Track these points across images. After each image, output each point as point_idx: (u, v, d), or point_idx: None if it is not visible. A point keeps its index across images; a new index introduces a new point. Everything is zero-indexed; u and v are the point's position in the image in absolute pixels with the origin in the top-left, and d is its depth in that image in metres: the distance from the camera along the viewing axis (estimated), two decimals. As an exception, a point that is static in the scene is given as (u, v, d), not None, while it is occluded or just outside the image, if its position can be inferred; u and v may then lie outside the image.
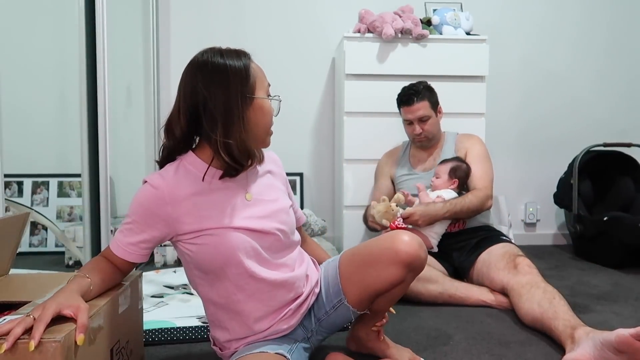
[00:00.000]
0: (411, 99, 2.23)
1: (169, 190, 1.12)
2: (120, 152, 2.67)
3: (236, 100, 1.11)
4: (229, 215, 1.15)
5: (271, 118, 1.20)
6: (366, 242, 1.37)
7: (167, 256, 2.59)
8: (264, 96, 1.17)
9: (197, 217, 1.13)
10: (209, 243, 1.13)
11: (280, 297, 1.20)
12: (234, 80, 1.12)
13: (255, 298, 1.18)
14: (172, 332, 1.58)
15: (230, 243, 1.13)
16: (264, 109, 1.17)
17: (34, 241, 2.86)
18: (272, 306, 1.20)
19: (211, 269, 1.16)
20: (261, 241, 1.17)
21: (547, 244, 3.24)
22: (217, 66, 1.13)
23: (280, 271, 1.21)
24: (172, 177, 1.14)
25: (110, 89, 2.10)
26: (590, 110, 3.25)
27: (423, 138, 2.28)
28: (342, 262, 1.32)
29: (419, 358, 1.41)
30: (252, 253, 1.15)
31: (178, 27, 3.00)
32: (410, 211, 2.01)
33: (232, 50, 1.18)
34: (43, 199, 2.92)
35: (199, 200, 1.14)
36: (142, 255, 1.16)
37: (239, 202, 1.17)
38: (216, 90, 1.11)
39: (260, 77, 1.18)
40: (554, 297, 1.62)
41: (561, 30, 3.21)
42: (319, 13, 3.05)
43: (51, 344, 0.86)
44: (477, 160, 2.23)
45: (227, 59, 1.14)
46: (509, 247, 1.99)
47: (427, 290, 1.93)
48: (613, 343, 1.23)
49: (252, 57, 1.19)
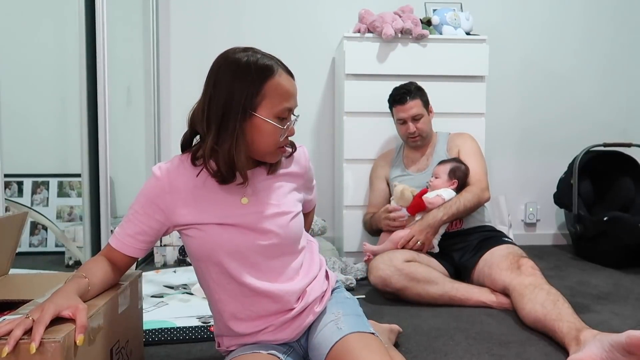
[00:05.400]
0: (404, 98, 2.25)
1: (169, 179, 1.11)
2: (120, 152, 2.67)
3: (236, 110, 1.05)
4: (220, 212, 1.12)
5: (274, 139, 1.10)
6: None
7: (167, 256, 2.59)
8: (267, 117, 1.07)
9: (191, 209, 1.11)
10: (195, 237, 1.12)
11: (264, 305, 1.13)
12: (239, 88, 1.05)
13: (237, 300, 1.14)
14: (172, 332, 1.58)
15: (213, 240, 1.10)
16: (262, 129, 1.07)
17: (34, 241, 2.86)
18: (254, 312, 1.14)
19: (196, 263, 1.16)
20: (251, 242, 1.12)
21: (547, 244, 3.24)
22: (231, 67, 1.07)
23: (268, 278, 1.14)
24: (175, 167, 1.13)
25: (110, 89, 2.11)
26: (591, 110, 3.25)
27: (417, 137, 2.29)
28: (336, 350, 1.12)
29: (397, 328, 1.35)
30: (236, 254, 1.11)
31: (178, 27, 3.00)
32: (409, 236, 2.04)
33: (264, 56, 1.10)
34: (43, 199, 2.92)
35: (197, 194, 1.12)
36: (139, 249, 1.14)
37: (233, 203, 1.13)
38: (220, 91, 1.06)
39: (276, 96, 1.07)
40: (558, 299, 1.61)
41: (561, 30, 3.20)
42: (319, 13, 3.05)
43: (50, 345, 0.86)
44: (469, 157, 2.24)
45: (246, 63, 1.07)
46: (512, 248, 1.99)
47: (427, 293, 1.92)
48: (623, 344, 1.22)
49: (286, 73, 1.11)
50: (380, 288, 1.97)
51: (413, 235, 2.04)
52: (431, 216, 2.05)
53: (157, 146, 2.95)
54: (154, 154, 2.91)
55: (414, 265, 1.95)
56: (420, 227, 2.04)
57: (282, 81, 1.08)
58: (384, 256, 1.99)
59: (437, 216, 2.04)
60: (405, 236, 2.04)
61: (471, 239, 2.11)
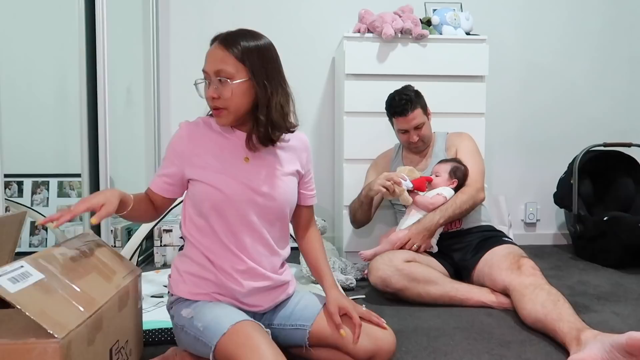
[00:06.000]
0: (405, 110, 2.19)
1: (188, 132, 1.28)
2: (120, 152, 2.67)
3: None
4: (225, 163, 1.27)
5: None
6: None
7: (167, 256, 2.59)
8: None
9: (201, 158, 1.26)
10: (202, 181, 1.26)
11: (232, 259, 1.26)
12: None
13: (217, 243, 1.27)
14: (171, 332, 1.57)
15: (208, 194, 1.24)
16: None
17: (34, 241, 2.86)
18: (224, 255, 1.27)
19: (201, 216, 1.29)
20: (247, 199, 1.25)
21: (547, 244, 3.24)
22: None
23: (252, 238, 1.27)
24: (194, 124, 1.30)
25: (110, 89, 2.11)
26: (591, 110, 3.25)
27: (420, 144, 2.29)
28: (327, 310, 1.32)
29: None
30: (233, 206, 1.24)
31: (178, 27, 3.00)
32: (405, 238, 2.03)
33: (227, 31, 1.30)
34: (43, 199, 2.92)
35: (208, 146, 1.28)
36: (165, 189, 1.30)
37: (236, 160, 1.28)
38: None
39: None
40: (559, 299, 1.61)
41: (561, 30, 3.20)
42: (319, 13, 3.05)
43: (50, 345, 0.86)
44: (466, 156, 2.23)
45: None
46: (512, 248, 1.99)
47: (427, 293, 1.92)
48: (624, 345, 1.22)
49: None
50: (380, 288, 1.97)
51: (410, 238, 2.04)
52: (428, 219, 2.05)
53: (157, 146, 2.95)
54: (154, 154, 2.91)
55: (414, 266, 1.95)
56: (417, 229, 2.05)
57: (210, 49, 1.25)
58: (384, 256, 1.99)
59: (434, 219, 2.04)
60: (402, 238, 2.04)
61: (471, 239, 2.11)
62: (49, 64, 2.91)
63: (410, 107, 2.19)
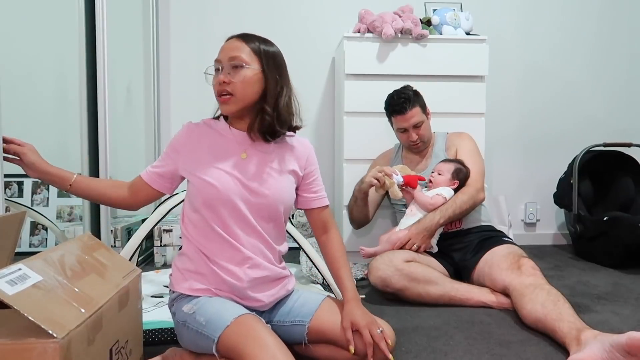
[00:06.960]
0: (404, 108, 2.20)
1: (189, 130, 1.34)
2: (120, 152, 2.67)
3: None
4: (218, 162, 1.29)
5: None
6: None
7: (167, 256, 2.59)
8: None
9: (198, 155, 1.30)
10: (198, 177, 1.29)
11: (228, 252, 1.28)
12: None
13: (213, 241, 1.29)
14: (172, 332, 1.58)
15: (201, 188, 1.27)
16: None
17: (34, 241, 2.86)
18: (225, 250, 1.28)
19: (199, 212, 1.31)
20: (240, 194, 1.27)
21: (547, 244, 3.24)
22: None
23: (245, 232, 1.28)
24: (195, 125, 1.35)
25: (110, 89, 2.10)
26: (591, 110, 3.25)
27: (419, 144, 2.29)
28: (324, 307, 1.34)
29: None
30: (228, 202, 1.26)
31: (178, 27, 3.00)
32: (405, 238, 2.03)
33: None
34: (43, 199, 2.92)
35: (206, 144, 1.31)
36: (153, 180, 1.36)
37: (232, 157, 1.31)
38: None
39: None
40: (559, 299, 1.61)
41: (561, 30, 3.21)
42: (319, 13, 3.05)
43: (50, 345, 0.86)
44: (466, 156, 2.24)
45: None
46: (513, 248, 1.99)
47: (427, 293, 1.92)
48: (624, 345, 1.22)
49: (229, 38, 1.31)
50: (380, 288, 1.97)
51: (410, 237, 2.04)
52: (428, 219, 2.05)
53: (157, 146, 2.95)
54: (154, 154, 2.91)
55: (414, 266, 1.95)
56: (417, 230, 2.05)
57: (225, 43, 1.30)
58: (384, 256, 1.99)
59: (434, 219, 2.04)
60: (402, 238, 2.04)
61: (471, 239, 2.11)
62: (49, 63, 2.91)
63: (409, 105, 2.20)
